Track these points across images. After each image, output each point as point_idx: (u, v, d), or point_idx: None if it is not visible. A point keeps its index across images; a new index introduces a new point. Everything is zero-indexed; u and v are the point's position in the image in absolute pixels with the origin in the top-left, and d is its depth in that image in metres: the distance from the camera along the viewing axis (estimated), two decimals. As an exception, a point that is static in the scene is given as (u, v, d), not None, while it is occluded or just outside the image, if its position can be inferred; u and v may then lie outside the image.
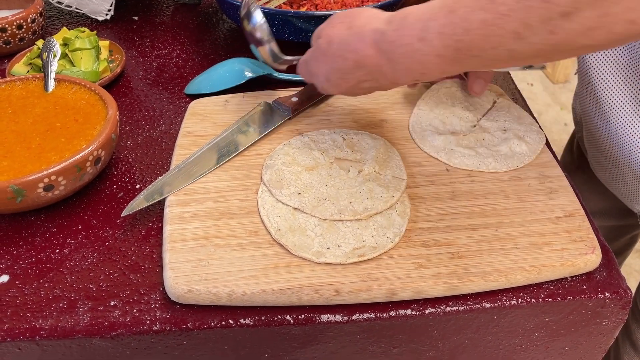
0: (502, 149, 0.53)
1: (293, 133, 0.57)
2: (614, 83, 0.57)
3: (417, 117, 0.58)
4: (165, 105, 0.63)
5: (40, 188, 0.46)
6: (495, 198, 0.49)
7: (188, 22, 0.78)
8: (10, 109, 0.53)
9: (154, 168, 0.55)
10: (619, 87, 0.56)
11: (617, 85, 0.56)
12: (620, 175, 0.62)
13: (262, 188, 0.50)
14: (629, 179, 0.61)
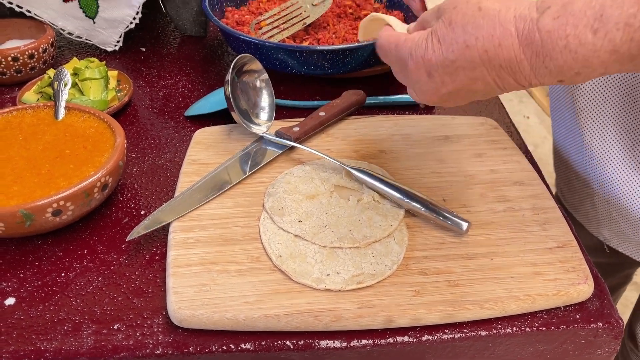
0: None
1: (295, 162, 0.59)
2: (592, 105, 0.58)
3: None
4: (171, 134, 0.65)
5: (49, 213, 0.47)
6: (490, 228, 0.50)
7: (194, 53, 0.81)
8: (22, 136, 0.55)
9: (159, 195, 0.56)
10: (597, 110, 0.57)
11: (594, 108, 0.58)
12: (589, 197, 0.63)
13: (264, 215, 0.51)
14: (597, 201, 0.61)
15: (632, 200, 0.56)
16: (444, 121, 0.64)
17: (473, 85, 0.39)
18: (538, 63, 0.36)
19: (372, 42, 0.66)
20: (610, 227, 0.63)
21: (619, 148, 0.57)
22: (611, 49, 0.33)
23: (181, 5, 0.78)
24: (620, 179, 0.57)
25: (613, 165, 0.58)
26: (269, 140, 0.60)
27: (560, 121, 0.66)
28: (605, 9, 0.33)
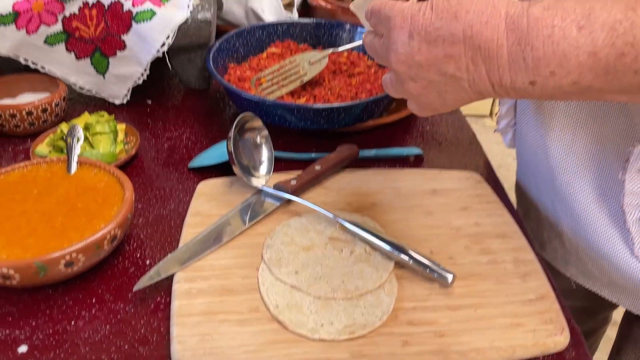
0: None
1: (292, 214, 0.62)
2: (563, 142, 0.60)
3: None
4: (175, 185, 0.69)
5: (62, 264, 0.50)
6: (474, 280, 0.54)
7: (197, 106, 0.85)
8: (36, 190, 0.58)
9: (163, 245, 0.60)
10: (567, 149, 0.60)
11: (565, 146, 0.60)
12: (557, 236, 0.66)
13: (263, 266, 0.55)
14: (565, 240, 0.65)
15: (601, 242, 0.59)
16: (431, 175, 0.69)
17: (445, 66, 0.39)
18: (517, 53, 0.36)
19: (364, 101, 0.71)
20: (578, 266, 0.66)
21: (590, 189, 0.60)
22: (591, 50, 0.34)
23: (186, 62, 0.84)
24: (591, 220, 0.60)
25: (584, 206, 0.60)
26: (268, 193, 0.64)
27: (526, 162, 0.69)
28: (594, 10, 0.34)
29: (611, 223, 0.58)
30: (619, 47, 0.33)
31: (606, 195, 0.58)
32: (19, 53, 0.76)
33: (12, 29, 0.72)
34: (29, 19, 0.72)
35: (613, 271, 0.60)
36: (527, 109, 0.66)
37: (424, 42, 0.39)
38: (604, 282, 0.64)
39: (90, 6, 0.73)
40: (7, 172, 0.60)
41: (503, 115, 0.72)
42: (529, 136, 0.66)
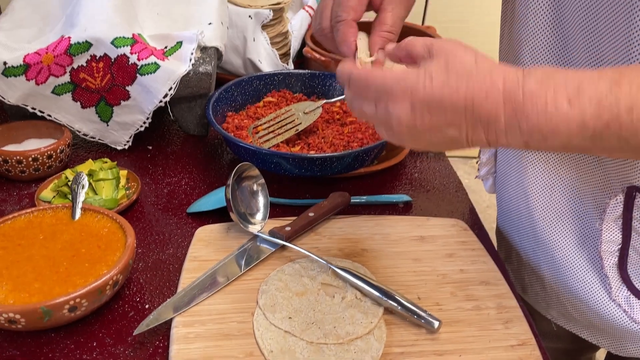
0: None
1: (286, 260, 0.65)
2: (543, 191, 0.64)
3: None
4: (174, 230, 0.71)
5: (66, 309, 0.53)
6: (459, 326, 0.56)
7: (196, 152, 0.89)
8: (42, 235, 0.61)
9: (162, 289, 0.62)
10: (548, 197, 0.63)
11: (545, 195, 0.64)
12: (538, 280, 0.69)
13: (258, 311, 0.57)
14: (547, 284, 0.68)
15: (580, 287, 0.62)
16: (419, 222, 0.72)
17: (446, 130, 0.42)
18: (514, 121, 0.39)
19: (355, 151, 0.75)
20: (558, 309, 0.68)
21: (570, 237, 0.63)
22: (580, 121, 0.37)
23: (187, 110, 0.88)
24: (571, 266, 0.63)
25: (564, 253, 0.64)
26: (263, 239, 0.67)
27: (507, 208, 0.72)
28: (583, 84, 0.37)
29: (590, 268, 0.61)
30: (605, 119, 0.37)
31: (585, 242, 0.61)
32: (27, 102, 0.80)
33: (21, 79, 0.76)
34: (38, 71, 0.76)
35: (592, 314, 0.63)
36: (508, 159, 0.70)
37: (426, 112, 0.42)
38: (584, 324, 0.66)
39: (98, 59, 0.78)
40: (14, 217, 0.63)
41: (484, 163, 0.76)
42: (510, 185, 0.70)
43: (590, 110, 0.37)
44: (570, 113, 0.37)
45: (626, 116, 0.36)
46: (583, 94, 0.37)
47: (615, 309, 0.60)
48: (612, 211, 0.57)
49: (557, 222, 0.64)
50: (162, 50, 0.82)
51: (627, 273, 0.58)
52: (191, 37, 0.83)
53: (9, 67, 0.75)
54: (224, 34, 0.91)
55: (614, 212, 0.57)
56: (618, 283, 0.59)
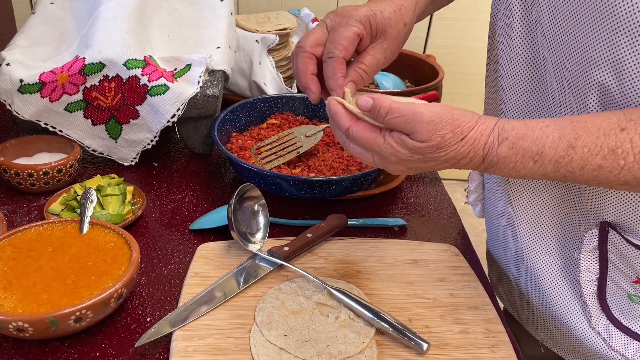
0: None
1: (283, 278, 0.68)
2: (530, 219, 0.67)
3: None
4: (176, 246, 0.74)
5: (72, 320, 0.55)
6: (447, 348, 0.59)
7: (200, 170, 0.92)
8: (51, 248, 0.64)
9: (163, 303, 0.65)
10: (534, 226, 0.67)
11: (532, 223, 0.67)
12: (527, 304, 0.72)
13: (255, 328, 0.60)
14: (534, 309, 0.70)
15: (564, 314, 0.65)
16: (413, 246, 0.75)
17: (432, 167, 0.52)
18: (488, 169, 0.50)
19: (354, 175, 0.78)
20: (545, 332, 0.71)
21: (555, 265, 0.66)
22: (542, 174, 0.47)
23: (193, 129, 0.91)
24: (555, 294, 0.66)
25: (549, 281, 0.66)
26: (262, 258, 0.70)
27: (495, 234, 0.75)
28: (545, 148, 0.46)
29: (573, 296, 0.64)
30: (561, 173, 0.47)
31: (568, 271, 0.64)
32: (41, 118, 0.83)
33: (36, 97, 0.80)
34: (53, 89, 0.80)
35: (574, 340, 0.65)
36: (494, 188, 0.73)
37: (420, 165, 0.52)
38: (568, 348, 0.69)
39: (110, 79, 0.81)
40: (25, 230, 0.66)
41: (472, 191, 0.79)
42: (497, 212, 0.73)
43: (550, 167, 0.47)
44: (534, 169, 0.48)
45: (579, 172, 0.45)
46: (545, 156, 0.46)
47: (594, 337, 0.62)
48: (588, 243, 0.60)
49: (542, 250, 0.67)
50: (171, 72, 0.86)
51: (606, 302, 0.61)
52: (200, 60, 0.86)
53: (24, 85, 0.79)
54: (231, 58, 0.95)
55: (590, 243, 0.60)
56: (598, 312, 0.61)
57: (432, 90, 1.04)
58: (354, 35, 0.56)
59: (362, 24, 0.57)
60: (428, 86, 1.05)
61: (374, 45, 0.59)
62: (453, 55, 2.08)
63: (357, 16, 0.57)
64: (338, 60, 0.56)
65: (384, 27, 0.58)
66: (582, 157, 0.44)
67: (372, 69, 0.59)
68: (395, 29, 0.59)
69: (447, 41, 2.06)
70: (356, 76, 0.58)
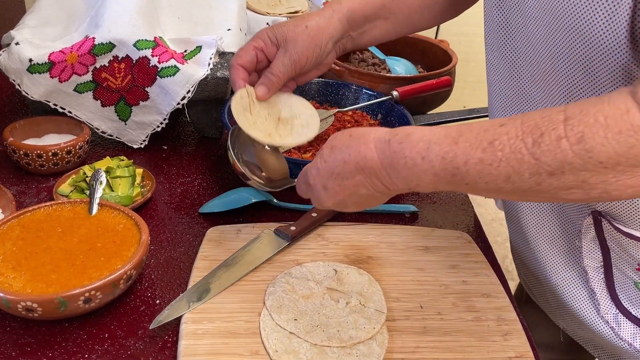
0: None
1: (293, 263, 0.67)
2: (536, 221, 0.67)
3: None
4: (186, 229, 0.74)
5: (81, 301, 0.55)
6: (459, 335, 0.58)
7: (210, 153, 0.91)
8: (60, 228, 0.63)
9: (172, 286, 0.64)
10: (542, 214, 0.67)
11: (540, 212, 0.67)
12: (542, 293, 0.71)
13: (265, 312, 0.59)
14: (549, 297, 0.70)
15: (575, 302, 0.65)
16: (424, 232, 0.74)
17: (358, 190, 0.51)
18: (391, 173, 0.47)
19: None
20: (563, 321, 0.71)
21: (561, 252, 0.65)
22: (433, 173, 0.45)
23: (203, 112, 0.90)
24: (565, 281, 0.66)
25: (558, 268, 0.66)
26: (269, 238, 0.69)
27: (514, 230, 0.75)
28: (431, 144, 0.45)
29: (581, 285, 0.64)
30: (449, 170, 0.45)
31: (573, 259, 0.64)
32: (50, 99, 0.82)
33: (46, 76, 0.79)
34: (62, 69, 0.79)
35: (588, 330, 0.64)
36: None
37: (335, 186, 0.51)
38: (585, 337, 0.68)
39: (120, 60, 0.80)
40: (34, 210, 0.65)
41: None
42: (507, 205, 0.73)
43: (437, 164, 0.45)
44: (424, 166, 0.45)
45: (463, 167, 0.43)
46: (431, 152, 0.45)
47: (604, 326, 0.62)
48: (586, 231, 0.60)
49: (546, 237, 0.67)
50: (182, 54, 0.84)
51: (615, 292, 0.60)
52: (210, 42, 0.85)
53: (34, 64, 0.78)
54: (242, 40, 0.94)
55: (588, 232, 0.60)
56: (607, 301, 0.61)
57: (445, 75, 1.02)
58: (251, 48, 0.66)
59: (260, 39, 0.66)
60: (441, 71, 1.03)
61: (278, 54, 0.66)
62: (465, 43, 2.05)
63: (257, 34, 0.67)
64: (234, 67, 0.66)
65: (282, 36, 0.66)
66: (464, 151, 0.43)
67: (281, 72, 0.66)
68: (294, 33, 0.65)
69: (459, 28, 2.03)
70: (266, 81, 0.67)
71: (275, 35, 0.66)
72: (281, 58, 0.66)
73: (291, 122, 0.68)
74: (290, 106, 0.69)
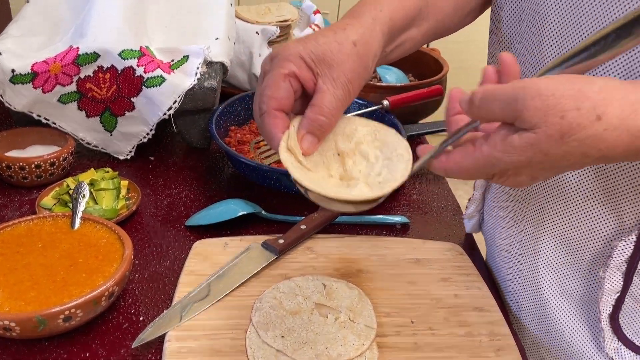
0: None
1: (281, 277, 0.65)
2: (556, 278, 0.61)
3: None
4: (171, 242, 0.72)
5: (60, 319, 0.53)
6: (451, 352, 0.57)
7: (198, 164, 0.90)
8: (41, 243, 0.62)
9: (157, 302, 0.62)
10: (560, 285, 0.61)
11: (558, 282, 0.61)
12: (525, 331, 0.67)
13: (251, 329, 0.57)
14: (534, 334, 0.65)
15: (573, 339, 0.60)
16: (415, 245, 0.72)
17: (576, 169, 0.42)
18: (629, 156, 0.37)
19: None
20: (549, 354, 0.66)
21: (570, 286, 0.60)
22: None
23: (190, 123, 0.88)
24: (563, 318, 0.61)
25: (559, 304, 0.61)
26: (257, 252, 0.68)
27: (498, 252, 0.70)
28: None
29: (581, 320, 0.59)
30: None
31: (581, 294, 0.59)
32: (33, 110, 0.80)
33: (29, 87, 0.77)
34: (45, 79, 0.77)
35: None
36: (499, 202, 0.69)
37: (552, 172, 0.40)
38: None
39: (105, 70, 0.79)
40: (14, 224, 0.63)
41: (473, 200, 0.75)
42: (499, 230, 0.69)
43: None
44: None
45: None
46: None
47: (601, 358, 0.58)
48: (619, 255, 0.53)
49: (552, 271, 0.61)
50: (168, 64, 0.83)
51: (618, 323, 0.56)
52: (198, 51, 0.84)
53: (16, 75, 0.76)
54: (230, 49, 0.92)
55: (621, 255, 0.53)
56: (610, 334, 0.56)
57: (436, 84, 1.02)
58: (280, 78, 0.45)
59: (290, 62, 0.46)
60: (432, 80, 1.02)
61: (324, 79, 0.46)
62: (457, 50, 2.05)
63: (283, 55, 0.46)
64: (269, 115, 0.45)
65: (322, 55, 0.46)
66: None
67: (333, 108, 0.46)
68: (340, 53, 0.46)
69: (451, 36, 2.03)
70: (314, 126, 0.45)
71: (312, 57, 0.46)
72: (330, 90, 0.46)
73: (359, 154, 0.48)
74: (344, 129, 0.49)
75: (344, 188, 0.45)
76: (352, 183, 0.45)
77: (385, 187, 0.44)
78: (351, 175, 0.46)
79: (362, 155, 0.47)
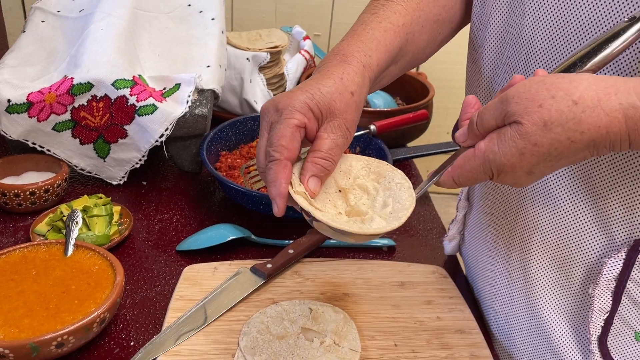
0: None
1: (269, 301, 0.67)
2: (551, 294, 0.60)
3: None
4: (162, 267, 0.74)
5: (53, 346, 0.55)
6: (432, 374, 0.58)
7: (189, 189, 0.92)
8: (35, 271, 0.63)
9: (147, 327, 0.64)
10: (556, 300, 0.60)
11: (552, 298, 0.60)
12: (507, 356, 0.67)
13: (238, 353, 0.59)
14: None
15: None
16: (400, 267, 0.74)
17: (571, 162, 0.43)
18: (638, 141, 0.39)
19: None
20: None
21: (558, 308, 0.59)
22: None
23: (182, 148, 0.91)
24: (557, 341, 0.60)
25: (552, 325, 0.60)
26: (246, 277, 0.70)
27: (481, 273, 0.71)
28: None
29: (574, 343, 0.58)
30: None
31: (570, 315, 0.58)
32: (28, 138, 0.83)
33: (24, 116, 0.80)
34: (41, 109, 0.80)
35: None
36: (482, 222, 0.69)
37: (546, 168, 0.43)
38: None
39: (98, 99, 0.81)
40: (9, 252, 0.65)
41: (455, 222, 0.76)
42: (482, 252, 0.69)
43: None
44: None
45: None
46: None
47: None
48: (609, 271, 0.53)
49: (539, 292, 0.60)
50: (160, 92, 0.86)
51: (606, 346, 0.55)
52: (189, 79, 0.86)
53: (12, 105, 0.79)
54: (221, 77, 0.95)
55: (611, 272, 0.53)
56: (599, 358, 0.55)
57: (422, 109, 1.04)
58: (293, 130, 0.48)
59: (300, 113, 0.48)
60: (419, 105, 1.05)
61: (325, 127, 0.49)
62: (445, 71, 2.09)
63: (292, 105, 0.49)
64: (280, 163, 0.47)
65: (327, 106, 0.49)
66: None
67: (334, 154, 0.49)
68: (342, 103, 0.50)
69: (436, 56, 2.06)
70: (315, 169, 0.48)
71: (319, 107, 0.49)
72: (332, 137, 0.49)
73: (358, 188, 0.51)
74: (340, 166, 0.51)
75: (359, 223, 0.47)
76: (367, 218, 0.47)
77: (401, 217, 0.47)
78: (359, 209, 0.49)
79: (361, 189, 0.51)
